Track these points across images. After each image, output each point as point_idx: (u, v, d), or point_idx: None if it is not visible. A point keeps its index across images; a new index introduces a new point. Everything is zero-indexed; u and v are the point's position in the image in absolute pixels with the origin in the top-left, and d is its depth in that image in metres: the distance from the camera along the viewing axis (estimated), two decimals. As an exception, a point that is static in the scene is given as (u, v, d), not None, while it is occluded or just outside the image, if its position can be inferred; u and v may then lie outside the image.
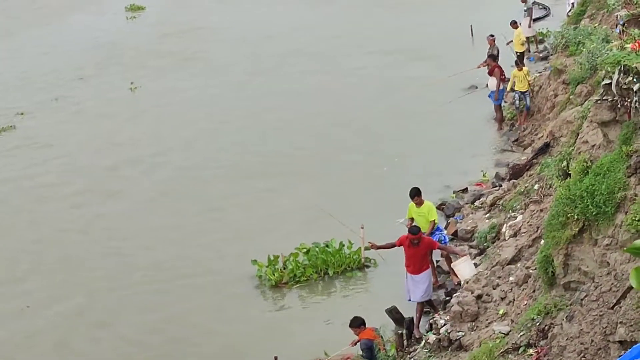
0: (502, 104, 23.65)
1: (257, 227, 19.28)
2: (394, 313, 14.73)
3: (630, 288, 8.87)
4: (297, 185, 21.26)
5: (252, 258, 17.34)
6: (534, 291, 12.18)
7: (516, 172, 19.06)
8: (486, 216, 17.86)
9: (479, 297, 13.69)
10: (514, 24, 27.36)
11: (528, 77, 22.63)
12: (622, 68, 10.34)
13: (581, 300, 9.89)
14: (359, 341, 13.30)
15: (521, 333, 10.89)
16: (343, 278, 17.11)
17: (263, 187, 21.28)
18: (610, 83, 10.62)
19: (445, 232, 16.65)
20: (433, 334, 13.67)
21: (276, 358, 13.97)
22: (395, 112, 25.53)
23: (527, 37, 28.55)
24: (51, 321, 16.56)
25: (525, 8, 29.43)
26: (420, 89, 25.95)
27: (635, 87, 10.14)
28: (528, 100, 22.57)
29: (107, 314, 16.67)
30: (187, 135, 25.52)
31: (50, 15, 43.57)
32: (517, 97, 22.65)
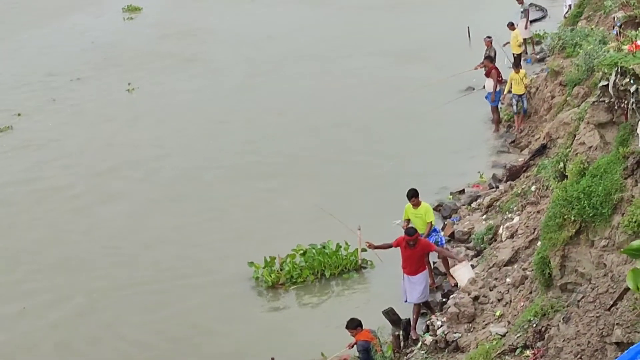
0: (499, 106, 23.65)
1: (257, 228, 19.27)
2: (391, 314, 14.73)
3: (626, 289, 8.88)
4: (297, 186, 21.25)
5: (253, 258, 17.32)
6: (531, 292, 12.19)
7: (513, 174, 19.06)
8: (483, 217, 17.85)
9: (476, 299, 13.69)
10: (511, 26, 27.36)
11: (525, 80, 22.60)
12: (619, 70, 10.34)
13: (578, 301, 9.89)
14: (356, 343, 13.30)
15: (518, 334, 10.89)
16: (340, 279, 17.09)
17: (263, 188, 21.27)
18: (607, 85, 10.63)
19: (442, 234, 16.64)
20: (430, 336, 13.67)
21: (273, 359, 13.97)
22: (392, 113, 25.52)
23: (524, 39, 28.56)
24: (52, 322, 16.53)
25: (522, 10, 29.42)
26: (417, 90, 25.93)
27: (632, 89, 10.14)
28: (525, 103, 22.56)
29: (108, 315, 16.65)
30: (186, 136, 25.49)
31: (47, 16, 43.52)
32: (515, 101, 22.62)
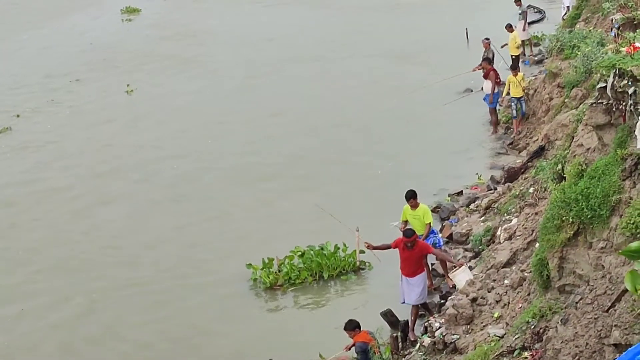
0: (497, 107, 23.66)
1: (257, 228, 19.28)
2: (389, 316, 14.72)
3: (625, 291, 8.87)
4: (297, 186, 21.27)
5: (253, 259, 17.29)
6: (529, 294, 12.18)
7: (511, 175, 19.06)
8: (481, 219, 17.85)
9: (474, 300, 13.68)
10: (509, 28, 27.40)
11: (523, 83, 22.58)
12: (617, 71, 10.34)
13: (576, 303, 9.89)
14: (354, 344, 13.29)
15: (516, 336, 10.88)
16: (338, 281, 17.09)
17: (263, 189, 21.30)
18: (605, 86, 10.63)
19: (440, 236, 16.64)
20: (428, 337, 13.66)
21: (271, 360, 14.00)
22: (391, 114, 25.55)
23: (523, 41, 28.59)
24: (52, 323, 16.52)
25: (520, 11, 29.48)
26: (416, 92, 25.94)
27: (630, 91, 10.14)
28: (524, 105, 22.55)
29: (107, 315, 16.64)
30: (186, 137, 25.51)
31: (46, 17, 43.57)
32: (514, 105, 22.60)
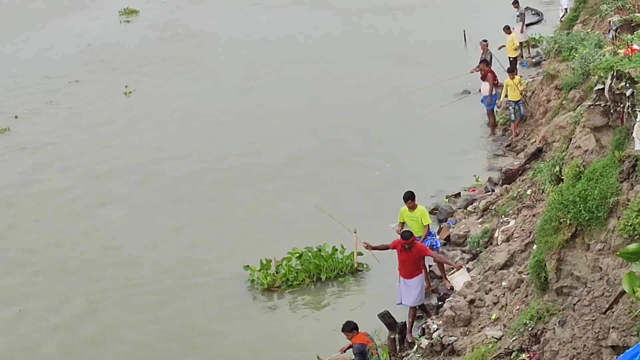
0: (495, 109, 23.66)
1: (257, 229, 19.29)
2: (387, 318, 14.71)
3: (622, 293, 8.87)
4: (296, 187, 21.28)
5: (252, 260, 17.28)
6: (527, 296, 12.18)
7: (509, 177, 19.07)
8: (479, 221, 17.85)
9: (472, 302, 13.68)
10: (507, 29, 27.41)
11: (520, 87, 22.55)
12: (615, 73, 10.35)
13: (573, 305, 9.88)
14: (352, 346, 13.28)
15: (513, 338, 10.87)
16: (336, 283, 17.08)
17: (262, 190, 21.31)
18: (602, 88, 10.63)
19: (437, 237, 16.63)
20: (425, 339, 13.65)
21: (268, 362, 13.99)
22: (390, 116, 25.54)
23: (520, 43, 28.60)
24: (52, 324, 16.51)
25: (518, 13, 29.51)
26: (414, 93, 25.94)
27: (627, 93, 10.14)
28: (522, 108, 22.55)
29: (107, 316, 16.63)
30: (185, 138, 25.50)
31: (44, 18, 43.51)
32: (512, 108, 22.58)
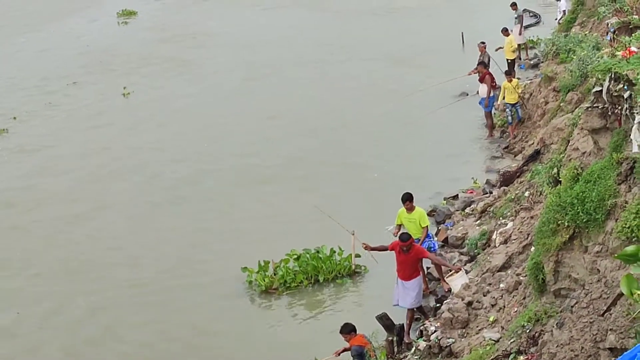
0: (493, 111, 23.66)
1: (256, 230, 19.26)
2: (384, 320, 14.71)
3: (620, 295, 8.86)
4: (295, 188, 21.27)
5: (252, 261, 17.24)
6: (524, 298, 12.19)
7: (507, 179, 19.07)
8: (477, 223, 17.84)
9: (470, 304, 13.68)
10: (505, 32, 27.41)
11: (518, 89, 22.55)
12: (613, 75, 10.35)
13: (571, 307, 9.88)
14: (350, 348, 13.27)
15: (511, 340, 10.88)
16: (333, 285, 17.06)
17: (262, 191, 21.29)
18: (600, 90, 10.64)
19: (435, 239, 16.60)
20: (423, 341, 13.66)
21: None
22: (388, 118, 25.54)
23: (518, 45, 28.62)
24: (52, 325, 16.48)
25: (516, 15, 29.52)
26: (412, 95, 25.94)
27: (625, 95, 10.14)
28: (519, 111, 22.56)
29: (108, 317, 16.60)
30: (184, 139, 25.47)
31: (43, 20, 43.50)
32: (509, 111, 22.59)
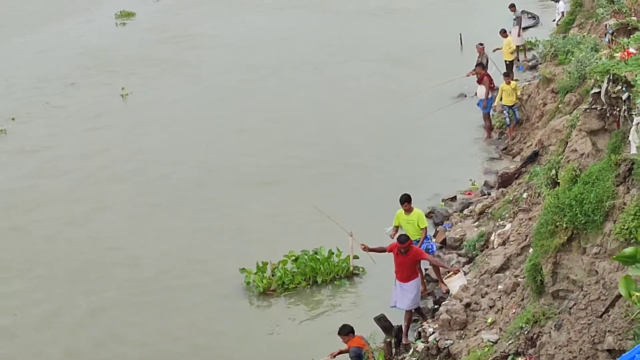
0: (491, 113, 23.66)
1: (255, 231, 19.26)
2: (383, 321, 14.70)
3: (619, 296, 8.87)
4: (294, 189, 21.28)
5: (251, 262, 17.24)
6: (523, 299, 12.18)
7: (505, 181, 19.06)
8: (475, 224, 17.83)
9: (468, 306, 13.67)
10: (504, 33, 27.43)
11: (516, 92, 22.54)
12: (611, 77, 10.36)
13: (570, 308, 9.88)
14: (348, 349, 13.27)
15: (510, 341, 10.87)
16: (331, 286, 17.05)
17: (261, 192, 21.29)
18: (599, 92, 10.64)
19: (433, 241, 16.59)
20: (421, 342, 13.64)
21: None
22: (386, 119, 25.55)
23: (517, 46, 28.63)
24: (53, 326, 16.46)
25: (514, 17, 29.54)
26: (410, 97, 25.95)
27: (624, 96, 10.15)
28: (517, 113, 22.56)
29: (108, 317, 16.59)
30: (183, 140, 25.47)
31: (41, 21, 43.51)
32: (506, 113, 22.58)
